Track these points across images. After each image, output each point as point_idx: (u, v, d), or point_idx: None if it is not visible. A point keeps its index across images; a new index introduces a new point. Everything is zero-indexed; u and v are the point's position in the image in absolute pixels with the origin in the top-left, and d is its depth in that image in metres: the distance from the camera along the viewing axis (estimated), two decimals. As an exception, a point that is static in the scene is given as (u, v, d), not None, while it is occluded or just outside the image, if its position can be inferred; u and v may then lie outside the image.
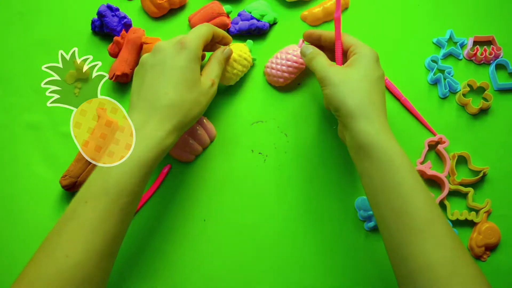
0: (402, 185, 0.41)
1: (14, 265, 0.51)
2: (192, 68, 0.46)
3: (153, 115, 0.44)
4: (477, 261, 0.53)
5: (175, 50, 0.46)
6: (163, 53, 0.46)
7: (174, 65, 0.45)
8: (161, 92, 0.44)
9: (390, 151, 0.43)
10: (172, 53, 0.46)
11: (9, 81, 0.59)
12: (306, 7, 0.63)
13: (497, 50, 0.60)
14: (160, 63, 0.45)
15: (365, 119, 0.44)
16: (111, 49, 0.56)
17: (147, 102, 0.44)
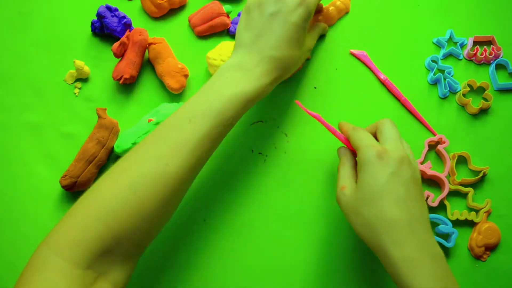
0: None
1: (14, 265, 0.52)
2: (305, 27, 0.48)
3: (264, 63, 0.46)
4: (477, 261, 0.53)
5: (295, 4, 0.47)
6: (283, 3, 0.47)
7: (292, 21, 0.46)
8: (275, 44, 0.46)
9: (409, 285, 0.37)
10: (293, 6, 0.46)
11: (9, 81, 0.59)
12: (306, 7, 0.63)
13: (497, 50, 0.60)
14: (278, 13, 0.46)
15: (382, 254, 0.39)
16: (117, 50, 0.56)
17: (260, 49, 0.46)
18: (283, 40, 0.46)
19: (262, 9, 0.47)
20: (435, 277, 0.37)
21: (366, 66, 0.60)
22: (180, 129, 0.42)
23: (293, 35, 0.47)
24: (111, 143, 0.54)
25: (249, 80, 0.45)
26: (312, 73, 0.60)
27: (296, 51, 0.48)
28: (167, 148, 0.41)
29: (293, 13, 0.46)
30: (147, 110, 0.57)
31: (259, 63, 0.46)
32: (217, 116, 0.43)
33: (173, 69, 0.56)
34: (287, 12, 0.46)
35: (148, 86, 0.59)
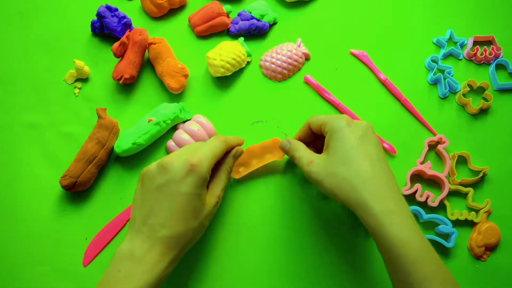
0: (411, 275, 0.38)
1: (14, 265, 0.52)
2: (199, 194, 0.43)
3: (156, 245, 0.41)
4: (477, 261, 0.53)
5: (184, 172, 0.42)
6: (170, 175, 0.42)
7: (181, 191, 0.42)
8: (166, 222, 0.41)
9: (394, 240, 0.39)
10: (180, 176, 0.42)
11: (9, 81, 0.59)
12: (306, 7, 0.63)
13: (497, 50, 0.60)
14: (166, 185, 0.42)
15: (361, 209, 0.41)
16: (117, 50, 0.56)
17: (150, 229, 0.41)
18: (173, 216, 0.41)
19: (150, 183, 0.43)
20: (414, 226, 0.40)
21: (366, 66, 0.60)
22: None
23: (186, 207, 0.42)
24: (111, 143, 0.54)
25: (142, 272, 0.40)
26: (312, 73, 0.60)
27: (194, 221, 0.43)
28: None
29: (182, 183, 0.42)
30: (147, 110, 0.57)
31: (151, 247, 0.41)
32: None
33: (173, 69, 0.56)
34: (176, 183, 0.42)
35: (148, 86, 0.59)
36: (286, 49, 0.59)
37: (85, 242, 0.52)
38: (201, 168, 0.42)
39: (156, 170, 0.43)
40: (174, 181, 0.42)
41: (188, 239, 0.43)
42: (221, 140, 0.47)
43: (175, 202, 0.42)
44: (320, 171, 0.44)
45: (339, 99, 0.58)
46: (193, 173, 0.42)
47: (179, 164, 0.42)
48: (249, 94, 0.59)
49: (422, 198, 0.53)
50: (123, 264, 0.40)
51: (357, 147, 0.43)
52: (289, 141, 0.50)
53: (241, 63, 0.58)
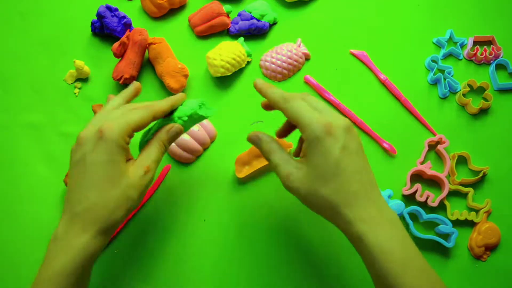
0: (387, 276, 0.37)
1: (14, 265, 0.52)
2: (113, 160, 0.40)
3: (75, 221, 0.39)
4: (477, 261, 0.53)
5: (93, 141, 0.40)
6: (83, 147, 0.40)
7: (93, 160, 0.39)
8: (81, 195, 0.39)
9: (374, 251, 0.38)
10: (91, 146, 0.40)
11: (9, 81, 0.59)
12: (306, 7, 0.63)
13: (497, 50, 0.60)
14: (81, 159, 0.40)
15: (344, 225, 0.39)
16: (117, 49, 0.56)
17: (69, 206, 0.40)
18: (87, 187, 0.39)
19: (71, 160, 0.41)
20: (396, 237, 0.39)
21: (366, 66, 0.60)
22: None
23: (99, 176, 0.39)
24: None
25: (63, 250, 0.38)
26: (312, 73, 0.60)
27: (111, 191, 0.40)
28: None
29: (93, 152, 0.40)
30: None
31: (71, 224, 0.39)
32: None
33: (173, 69, 0.56)
34: (88, 154, 0.40)
35: (148, 86, 0.59)
36: (286, 49, 0.59)
37: (85, 242, 0.52)
38: (111, 133, 0.40)
39: (74, 148, 0.41)
40: (87, 151, 0.40)
41: (108, 212, 0.40)
42: (140, 106, 0.43)
43: (87, 173, 0.40)
44: (300, 187, 0.40)
45: (339, 99, 0.58)
46: (102, 139, 0.40)
47: (90, 134, 0.40)
48: (249, 94, 0.59)
49: (422, 198, 0.53)
50: (49, 248, 0.40)
51: (339, 161, 0.39)
52: (259, 137, 0.44)
53: (241, 63, 0.58)
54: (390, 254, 0.38)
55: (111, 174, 0.40)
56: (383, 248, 0.38)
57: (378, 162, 0.56)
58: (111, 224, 0.40)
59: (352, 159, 0.39)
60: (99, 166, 0.40)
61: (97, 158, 0.40)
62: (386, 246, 0.38)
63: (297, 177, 0.40)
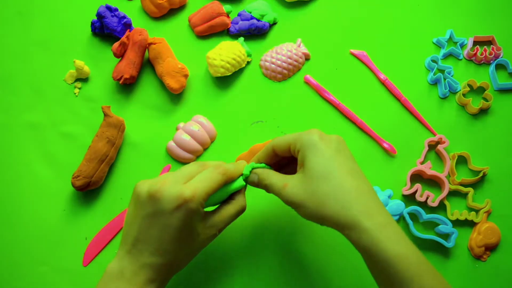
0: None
1: (14, 265, 0.52)
2: (191, 225, 0.41)
3: (144, 269, 0.40)
4: (477, 261, 0.53)
5: (175, 205, 0.39)
6: (161, 205, 0.40)
7: (171, 224, 0.40)
8: (155, 251, 0.40)
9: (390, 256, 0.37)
10: (171, 209, 0.39)
11: (9, 81, 0.59)
12: (306, 7, 0.63)
13: (497, 50, 0.60)
14: (156, 215, 0.40)
15: (353, 227, 0.38)
16: (117, 50, 0.56)
17: (140, 254, 0.40)
18: (163, 246, 0.40)
19: (141, 208, 0.41)
20: (407, 240, 0.39)
21: (366, 66, 0.60)
22: None
23: (176, 238, 0.40)
24: (120, 141, 0.54)
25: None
26: (312, 73, 0.60)
27: (185, 250, 0.42)
28: None
29: (173, 216, 0.40)
30: (147, 110, 0.57)
31: (139, 270, 0.40)
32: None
33: (173, 69, 0.56)
34: (166, 215, 0.40)
35: (148, 86, 0.59)
36: (286, 49, 0.59)
37: (85, 242, 0.52)
38: (192, 203, 0.40)
39: (147, 198, 0.41)
40: (164, 212, 0.40)
41: (177, 266, 0.42)
42: (220, 172, 0.43)
43: (164, 233, 0.40)
44: (299, 192, 0.41)
45: (339, 99, 0.58)
46: (185, 207, 0.40)
47: (170, 197, 0.40)
48: (249, 94, 0.59)
49: (422, 198, 0.53)
50: (112, 283, 0.40)
51: (336, 161, 0.40)
52: (255, 173, 0.46)
53: (241, 63, 0.58)
54: (403, 257, 0.37)
55: (188, 238, 0.41)
56: (395, 251, 0.37)
57: (378, 162, 0.56)
58: (176, 271, 0.43)
59: (346, 160, 0.41)
60: (177, 231, 0.40)
61: (175, 223, 0.40)
62: (397, 249, 0.37)
63: (295, 184, 0.42)
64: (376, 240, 0.37)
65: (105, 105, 0.55)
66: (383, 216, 0.39)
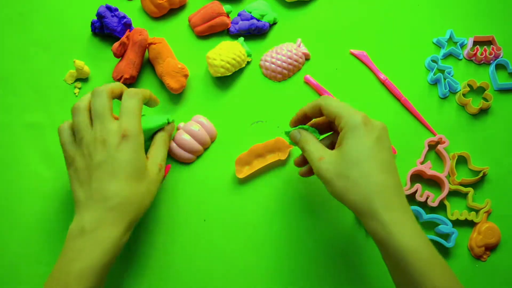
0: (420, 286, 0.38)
1: (14, 264, 0.52)
2: (138, 158, 0.44)
3: (107, 215, 0.41)
4: (477, 261, 0.53)
5: (117, 141, 0.43)
6: (107, 147, 0.43)
7: (121, 159, 0.43)
8: (113, 191, 0.42)
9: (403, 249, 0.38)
10: (116, 146, 0.43)
11: (9, 81, 0.59)
12: (306, 7, 0.63)
13: (497, 50, 0.60)
14: (107, 159, 0.43)
15: (371, 217, 0.40)
16: (117, 50, 0.56)
17: (98, 202, 0.42)
18: (119, 183, 0.42)
19: (90, 158, 0.43)
20: (422, 236, 0.40)
21: (366, 66, 0.60)
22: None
23: (128, 172, 0.43)
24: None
25: (96, 245, 0.40)
26: (312, 73, 0.60)
27: (139, 186, 0.44)
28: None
29: (123, 150, 0.43)
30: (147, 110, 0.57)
31: (102, 219, 0.41)
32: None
33: (173, 69, 0.56)
34: (116, 152, 0.43)
35: (148, 86, 0.59)
36: (286, 49, 0.59)
37: (85, 242, 0.52)
38: (132, 131, 0.44)
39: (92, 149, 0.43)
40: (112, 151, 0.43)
41: (137, 205, 0.43)
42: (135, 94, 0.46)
43: (116, 171, 0.42)
44: (330, 169, 0.42)
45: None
46: (127, 140, 0.43)
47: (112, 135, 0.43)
48: (249, 94, 0.59)
49: (422, 198, 0.53)
50: (75, 242, 0.41)
51: (372, 150, 0.41)
52: (299, 132, 0.47)
53: (241, 63, 0.58)
54: (416, 252, 0.38)
55: (137, 170, 0.44)
56: (409, 246, 0.38)
57: (378, 162, 0.56)
58: (137, 217, 0.44)
59: (384, 151, 0.42)
60: (126, 164, 0.43)
61: (124, 156, 0.43)
62: (412, 244, 0.38)
63: (329, 160, 0.42)
64: (390, 233, 0.39)
65: None
66: (402, 211, 0.40)
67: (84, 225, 0.41)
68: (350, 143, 0.41)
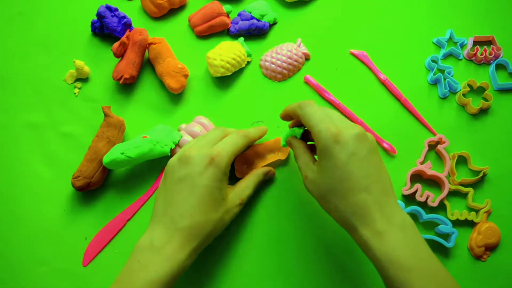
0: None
1: (14, 265, 0.52)
2: (219, 187, 0.44)
3: (176, 235, 0.42)
4: (477, 261, 0.53)
5: (204, 165, 0.43)
6: (191, 167, 0.43)
7: (202, 183, 0.43)
8: (185, 213, 0.42)
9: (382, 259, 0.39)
10: (200, 168, 0.43)
11: (9, 81, 0.59)
12: (306, 7, 0.63)
13: (497, 50, 0.60)
14: (187, 177, 0.43)
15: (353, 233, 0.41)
16: (117, 50, 0.56)
17: (170, 220, 0.42)
18: (193, 207, 0.42)
19: (171, 176, 0.44)
20: (405, 244, 0.39)
21: (366, 66, 0.60)
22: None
23: (205, 198, 0.43)
24: (120, 141, 0.54)
25: (161, 261, 0.41)
26: (312, 73, 0.60)
27: (214, 214, 0.44)
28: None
29: (203, 175, 0.43)
30: (147, 110, 0.57)
31: (170, 237, 0.42)
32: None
33: (173, 69, 0.56)
34: (196, 175, 0.43)
35: (148, 86, 0.59)
36: (286, 49, 0.59)
37: (85, 242, 0.52)
38: (221, 160, 0.44)
39: (177, 163, 0.44)
40: (194, 173, 0.43)
41: (207, 232, 0.43)
42: (241, 135, 0.48)
43: (195, 194, 0.42)
44: (314, 190, 0.44)
45: (339, 99, 0.58)
46: (213, 166, 0.43)
47: (200, 157, 0.43)
48: (249, 94, 0.59)
49: (422, 198, 0.53)
50: (143, 254, 0.41)
51: (345, 169, 0.40)
52: (291, 142, 0.49)
53: (241, 63, 0.58)
54: (396, 262, 0.38)
55: (216, 199, 0.44)
56: (388, 257, 0.39)
57: (378, 162, 0.56)
58: (205, 243, 0.44)
59: (360, 165, 0.40)
60: (207, 190, 0.43)
61: (206, 182, 0.43)
62: (392, 255, 0.39)
63: (311, 180, 0.44)
64: (369, 247, 0.40)
65: (105, 105, 0.55)
66: (386, 223, 0.40)
67: (154, 240, 0.42)
68: (324, 164, 0.42)
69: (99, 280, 0.51)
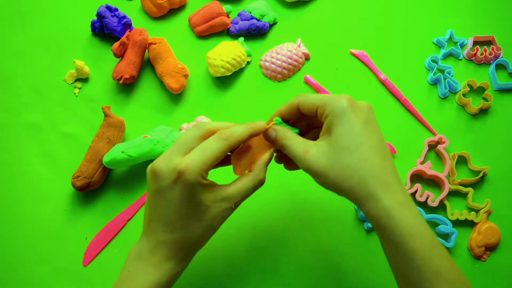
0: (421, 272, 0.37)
1: (14, 264, 0.52)
2: (195, 200, 0.39)
3: (160, 247, 0.40)
4: (477, 261, 0.53)
5: (171, 180, 0.38)
6: (160, 181, 0.39)
7: (173, 199, 0.39)
8: (166, 228, 0.40)
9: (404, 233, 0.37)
10: (169, 183, 0.39)
11: (9, 81, 0.59)
12: (306, 7, 0.63)
13: (497, 50, 0.60)
14: (159, 192, 0.39)
15: (370, 202, 0.38)
16: (117, 50, 0.56)
17: (153, 233, 0.41)
18: (173, 222, 0.39)
19: (148, 186, 0.41)
20: (419, 218, 0.38)
21: (366, 66, 0.60)
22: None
23: (183, 213, 0.39)
24: (120, 141, 0.54)
25: (148, 271, 0.40)
26: (312, 73, 0.60)
27: (196, 224, 0.40)
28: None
29: (173, 191, 0.39)
30: (147, 110, 0.57)
31: (155, 249, 0.40)
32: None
33: (173, 69, 0.56)
34: (166, 190, 0.39)
35: (148, 86, 0.59)
36: (286, 49, 0.59)
37: (85, 242, 0.52)
38: (189, 176, 0.38)
39: (150, 174, 0.40)
40: (164, 188, 0.39)
41: (193, 241, 0.41)
42: (221, 138, 0.41)
43: (170, 209, 0.39)
44: (321, 160, 0.39)
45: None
46: (180, 182, 0.38)
47: (167, 171, 0.39)
48: (249, 94, 0.59)
49: (422, 198, 0.53)
50: (132, 264, 0.41)
51: (363, 134, 0.39)
52: (274, 129, 0.43)
53: (241, 63, 0.58)
54: (418, 236, 0.37)
55: (195, 210, 0.40)
56: (411, 230, 0.37)
57: (378, 162, 0.56)
58: (194, 251, 0.42)
59: (374, 133, 0.40)
60: (182, 204, 0.39)
61: (176, 197, 0.39)
62: (414, 228, 0.37)
63: (317, 151, 0.40)
64: (391, 217, 0.37)
65: (105, 105, 0.55)
66: (402, 194, 0.39)
67: (142, 250, 0.41)
68: (339, 129, 0.39)
69: (100, 280, 0.51)
